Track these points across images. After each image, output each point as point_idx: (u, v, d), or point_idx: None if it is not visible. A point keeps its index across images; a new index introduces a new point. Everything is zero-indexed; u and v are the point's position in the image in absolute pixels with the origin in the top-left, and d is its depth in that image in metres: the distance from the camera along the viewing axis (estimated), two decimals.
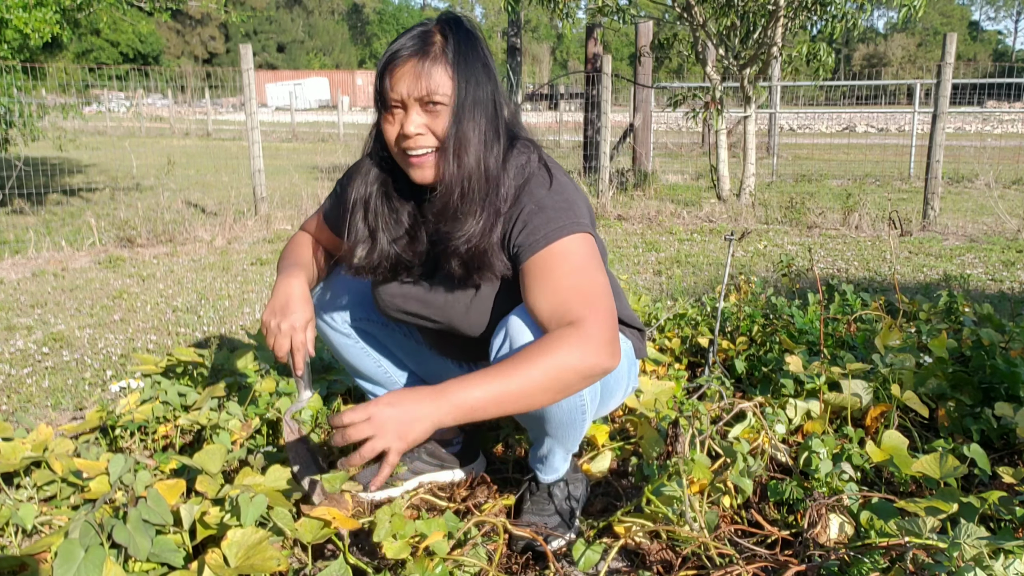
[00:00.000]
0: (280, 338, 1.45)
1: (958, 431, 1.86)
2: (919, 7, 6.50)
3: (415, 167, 1.36)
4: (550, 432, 1.49)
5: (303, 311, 1.47)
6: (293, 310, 1.46)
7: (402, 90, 1.30)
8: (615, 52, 34.73)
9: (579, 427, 1.48)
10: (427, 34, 1.32)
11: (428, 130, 1.32)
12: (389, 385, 1.82)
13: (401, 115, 1.33)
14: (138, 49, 47.86)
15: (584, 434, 1.54)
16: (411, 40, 1.31)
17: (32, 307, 3.82)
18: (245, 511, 1.29)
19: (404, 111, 1.32)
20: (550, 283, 1.29)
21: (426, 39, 1.31)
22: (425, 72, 1.28)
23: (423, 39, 1.31)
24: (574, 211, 1.36)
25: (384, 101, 1.32)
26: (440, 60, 1.30)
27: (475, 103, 1.32)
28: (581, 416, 1.45)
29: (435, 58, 1.30)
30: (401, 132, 1.33)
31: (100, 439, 1.98)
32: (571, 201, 1.38)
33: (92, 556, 1.19)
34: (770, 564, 1.35)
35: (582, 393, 1.40)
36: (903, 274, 4.38)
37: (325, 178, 9.37)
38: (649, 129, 9.33)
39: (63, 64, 10.05)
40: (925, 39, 56.56)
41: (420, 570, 1.26)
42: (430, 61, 1.29)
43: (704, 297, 2.75)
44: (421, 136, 1.32)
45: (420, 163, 1.35)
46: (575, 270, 1.30)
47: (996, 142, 13.95)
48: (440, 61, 1.30)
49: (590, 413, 1.47)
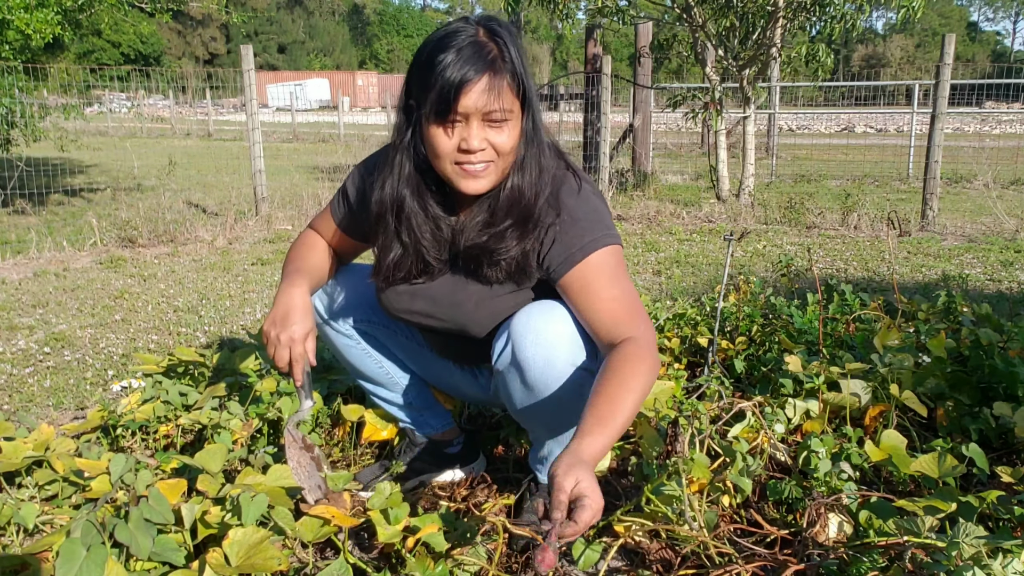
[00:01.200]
0: (280, 349, 1.44)
1: (957, 431, 1.87)
2: (918, 8, 6.51)
3: (469, 178, 1.33)
4: (550, 433, 1.50)
5: (303, 322, 1.45)
6: (293, 321, 1.45)
7: (469, 104, 1.26)
8: (615, 53, 34.72)
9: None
10: (483, 45, 1.27)
11: (490, 144, 1.31)
12: (390, 386, 1.82)
13: (462, 128, 1.30)
14: (139, 50, 47.88)
15: None
16: (471, 50, 1.26)
17: (34, 307, 3.83)
18: (246, 510, 1.29)
19: (466, 124, 1.29)
20: (595, 300, 1.34)
21: (485, 51, 1.27)
22: (495, 88, 1.26)
23: (482, 51, 1.27)
24: (604, 221, 1.39)
25: (446, 114, 1.28)
26: (505, 76, 1.28)
27: (535, 119, 1.34)
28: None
29: (501, 74, 1.27)
30: (462, 147, 1.30)
31: (101, 439, 1.98)
32: (599, 211, 1.41)
33: (94, 555, 1.20)
34: (769, 563, 1.35)
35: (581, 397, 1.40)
36: (902, 274, 4.38)
37: (326, 178, 9.38)
38: (649, 130, 9.33)
39: (65, 65, 10.07)
40: (924, 40, 56.55)
41: (420, 569, 1.27)
42: (499, 77, 1.27)
43: (703, 297, 2.76)
44: (483, 151, 1.31)
45: (477, 175, 1.33)
46: (612, 282, 1.34)
47: (994, 142, 13.95)
48: (505, 77, 1.28)
49: None
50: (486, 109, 1.27)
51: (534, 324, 1.37)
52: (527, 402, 1.42)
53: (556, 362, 1.36)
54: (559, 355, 1.36)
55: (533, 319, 1.37)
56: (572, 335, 1.39)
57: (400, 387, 1.83)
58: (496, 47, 1.28)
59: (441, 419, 1.88)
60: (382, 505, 1.29)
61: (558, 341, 1.36)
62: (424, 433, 1.87)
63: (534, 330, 1.36)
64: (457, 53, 1.25)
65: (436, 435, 1.87)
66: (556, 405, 1.41)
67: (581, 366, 1.40)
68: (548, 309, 1.40)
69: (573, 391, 1.39)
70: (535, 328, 1.36)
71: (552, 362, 1.36)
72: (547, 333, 1.36)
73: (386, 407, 1.87)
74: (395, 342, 1.77)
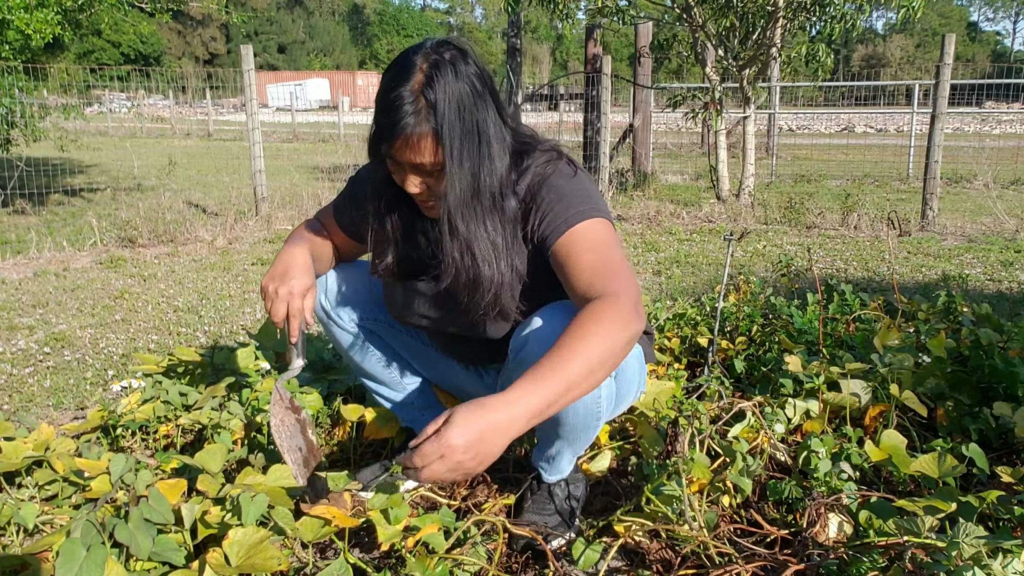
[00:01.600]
0: (278, 303, 1.45)
1: (957, 431, 1.87)
2: (918, 8, 6.51)
3: (425, 210, 1.41)
4: (562, 435, 1.49)
5: (303, 278, 1.47)
6: (293, 276, 1.46)
7: (397, 156, 1.30)
8: (615, 53, 34.71)
9: (592, 431, 1.49)
10: (415, 99, 1.25)
11: (428, 187, 1.35)
12: (393, 385, 1.83)
13: (402, 169, 1.33)
14: (139, 50, 47.89)
15: (594, 438, 1.55)
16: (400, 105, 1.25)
17: (34, 307, 3.83)
18: (246, 510, 1.29)
19: (403, 168, 1.33)
20: (576, 265, 1.31)
21: (416, 108, 1.25)
22: (418, 146, 1.27)
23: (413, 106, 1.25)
24: (592, 199, 1.39)
25: (385, 155, 1.32)
26: (428, 132, 1.26)
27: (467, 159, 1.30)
28: (596, 421, 1.46)
29: (424, 131, 1.26)
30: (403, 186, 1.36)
31: (101, 438, 1.98)
32: (590, 192, 1.41)
33: (94, 555, 1.20)
34: (769, 563, 1.35)
35: (599, 398, 1.41)
36: (902, 274, 4.38)
37: (326, 178, 9.38)
38: (648, 129, 9.33)
39: (65, 65, 10.06)
40: (924, 40, 56.56)
41: (420, 568, 1.26)
42: (422, 135, 1.26)
43: (703, 297, 2.76)
44: (422, 192, 1.35)
45: (428, 207, 1.40)
46: (594, 248, 1.33)
47: (994, 142, 13.95)
48: (428, 134, 1.26)
49: (604, 417, 1.48)
50: (413, 162, 1.30)
51: (557, 324, 1.36)
52: None
53: None
54: None
55: (556, 318, 1.37)
56: None
57: (403, 386, 1.83)
58: (425, 102, 1.25)
59: None
60: (382, 505, 1.29)
61: None
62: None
63: (556, 331, 1.35)
64: (391, 104, 1.26)
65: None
66: (574, 407, 1.40)
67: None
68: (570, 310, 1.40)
69: (592, 394, 1.39)
70: (557, 329, 1.36)
71: None
72: None
73: (387, 406, 1.88)
74: (399, 341, 1.78)
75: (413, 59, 1.28)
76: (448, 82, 1.26)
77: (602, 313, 1.19)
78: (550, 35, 66.23)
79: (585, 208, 1.37)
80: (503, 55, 11.32)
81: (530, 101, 19.49)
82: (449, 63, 1.28)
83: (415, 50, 1.30)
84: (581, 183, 1.41)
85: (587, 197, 1.39)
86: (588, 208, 1.37)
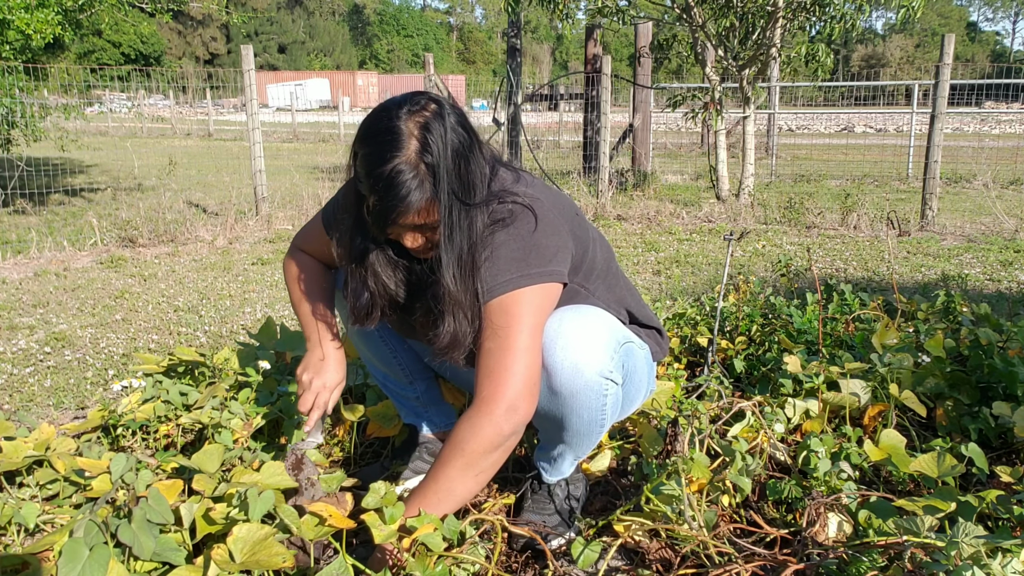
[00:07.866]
0: (308, 394, 1.54)
1: (956, 430, 1.87)
2: (917, 8, 6.51)
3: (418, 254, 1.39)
4: (566, 439, 1.50)
5: (336, 373, 1.56)
6: (327, 370, 1.55)
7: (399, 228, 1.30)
8: (615, 53, 34.73)
9: (596, 436, 1.50)
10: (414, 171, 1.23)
11: (425, 239, 1.33)
12: (401, 377, 1.83)
13: (399, 231, 1.32)
14: (140, 50, 47.87)
15: (598, 442, 1.55)
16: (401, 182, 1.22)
17: (34, 307, 3.83)
18: (254, 506, 1.29)
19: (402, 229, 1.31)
20: (479, 349, 1.33)
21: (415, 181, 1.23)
22: (421, 212, 1.26)
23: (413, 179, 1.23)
24: (527, 263, 1.32)
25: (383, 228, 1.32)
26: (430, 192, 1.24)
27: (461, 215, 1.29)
28: (600, 428, 1.47)
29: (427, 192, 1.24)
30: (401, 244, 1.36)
31: (102, 438, 1.99)
32: (530, 247, 1.32)
33: (97, 555, 1.20)
34: (769, 563, 1.35)
35: (604, 406, 1.42)
36: (901, 274, 4.39)
37: (326, 178, 9.39)
38: (648, 129, 9.34)
39: (65, 65, 10.07)
40: (923, 40, 56.56)
41: (419, 568, 1.27)
42: (423, 202, 1.24)
43: (703, 297, 2.76)
44: (420, 245, 1.34)
45: (424, 255, 1.38)
46: (498, 331, 1.30)
47: (994, 142, 13.96)
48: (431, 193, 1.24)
49: (609, 423, 1.48)
50: (415, 225, 1.29)
51: (565, 329, 1.36)
52: (549, 406, 1.41)
53: (584, 370, 1.36)
54: (588, 363, 1.36)
55: (565, 324, 1.37)
56: (603, 344, 1.39)
57: (411, 379, 1.84)
58: (424, 168, 1.23)
59: (446, 417, 1.90)
60: (376, 504, 1.29)
61: (589, 349, 1.36)
62: (428, 429, 1.88)
63: (564, 335, 1.36)
64: (392, 182, 1.22)
65: (439, 432, 1.89)
66: (578, 413, 1.41)
67: (610, 377, 1.40)
68: (581, 315, 1.40)
69: (597, 401, 1.40)
70: (565, 333, 1.36)
71: (580, 369, 1.36)
72: (578, 340, 1.36)
73: (393, 399, 1.89)
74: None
75: (398, 125, 1.23)
76: (441, 138, 1.24)
77: (464, 428, 1.29)
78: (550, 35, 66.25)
79: (512, 277, 1.31)
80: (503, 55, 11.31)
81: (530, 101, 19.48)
82: (436, 117, 1.24)
83: (394, 115, 1.25)
84: (524, 240, 1.32)
85: (521, 262, 1.31)
86: (515, 277, 1.31)
